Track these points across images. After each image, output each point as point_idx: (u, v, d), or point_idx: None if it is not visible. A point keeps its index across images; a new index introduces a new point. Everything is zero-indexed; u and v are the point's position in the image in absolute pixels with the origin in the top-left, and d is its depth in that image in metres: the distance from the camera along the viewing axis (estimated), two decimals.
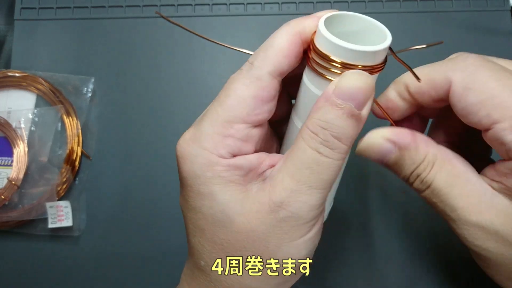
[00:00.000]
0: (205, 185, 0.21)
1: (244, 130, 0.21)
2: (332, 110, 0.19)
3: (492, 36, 0.42)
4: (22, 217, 0.37)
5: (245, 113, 0.21)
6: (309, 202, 0.20)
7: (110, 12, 0.43)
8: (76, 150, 0.39)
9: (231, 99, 0.21)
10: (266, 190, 0.21)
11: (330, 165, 0.20)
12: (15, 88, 0.41)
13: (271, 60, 0.21)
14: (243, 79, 0.21)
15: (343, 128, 0.20)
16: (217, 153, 0.21)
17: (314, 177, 0.20)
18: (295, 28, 0.21)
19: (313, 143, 0.20)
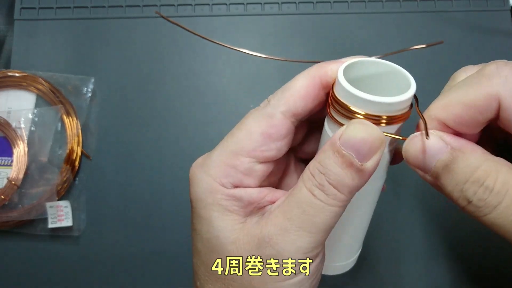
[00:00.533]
0: (205, 210, 0.22)
1: (247, 163, 0.21)
2: (333, 156, 0.19)
3: (492, 36, 0.42)
4: (22, 217, 0.37)
5: (251, 148, 0.21)
6: (296, 244, 0.20)
7: (110, 12, 0.43)
8: (76, 150, 0.39)
9: (240, 132, 0.22)
10: (259, 224, 0.21)
11: (323, 209, 0.19)
12: (15, 88, 0.41)
13: (286, 100, 0.21)
14: (256, 115, 0.22)
15: (340, 176, 0.19)
16: (220, 181, 0.22)
17: (305, 218, 0.19)
18: (317, 72, 0.21)
19: (308, 184, 0.19)
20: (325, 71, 0.21)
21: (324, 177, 0.19)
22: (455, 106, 0.19)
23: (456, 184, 0.19)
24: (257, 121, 0.21)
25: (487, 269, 0.37)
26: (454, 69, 0.44)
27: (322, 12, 0.43)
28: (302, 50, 0.42)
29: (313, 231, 0.20)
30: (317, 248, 0.20)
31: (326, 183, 0.19)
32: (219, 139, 0.40)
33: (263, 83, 0.41)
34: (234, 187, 0.22)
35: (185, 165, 0.39)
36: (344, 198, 0.19)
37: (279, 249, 0.20)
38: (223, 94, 0.41)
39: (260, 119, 0.21)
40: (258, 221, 0.21)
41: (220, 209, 0.21)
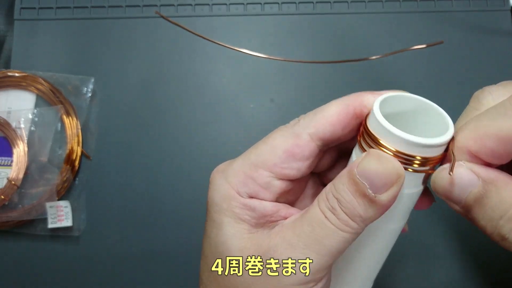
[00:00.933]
0: (218, 214, 0.22)
1: (266, 178, 0.22)
2: (347, 183, 0.19)
3: (492, 36, 0.42)
4: (22, 217, 0.37)
5: (272, 163, 0.21)
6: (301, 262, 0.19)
7: (110, 12, 0.43)
8: (76, 150, 0.39)
9: (265, 145, 0.22)
10: (269, 236, 0.21)
11: (333, 232, 0.19)
12: (15, 88, 0.41)
13: (316, 123, 0.21)
14: (284, 132, 0.22)
15: (352, 204, 0.19)
16: (237, 189, 0.22)
17: (313, 238, 0.19)
18: (352, 101, 0.21)
19: (322, 205, 0.19)
20: (361, 101, 0.21)
21: (337, 202, 0.19)
22: (489, 139, 0.18)
23: (489, 220, 0.18)
24: (283, 138, 0.22)
25: (487, 269, 0.37)
26: (454, 69, 0.44)
27: (322, 12, 0.43)
28: (302, 50, 0.42)
29: (320, 252, 0.19)
30: (321, 271, 0.20)
31: (339, 208, 0.19)
32: (219, 138, 0.40)
33: (263, 83, 0.41)
34: (250, 197, 0.22)
35: (185, 164, 0.40)
36: (355, 226, 0.19)
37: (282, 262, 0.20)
38: (223, 94, 0.41)
39: (287, 136, 0.21)
40: (267, 233, 0.21)
41: (232, 215, 0.22)
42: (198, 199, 0.38)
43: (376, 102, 0.19)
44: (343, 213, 0.19)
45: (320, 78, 0.41)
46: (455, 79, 0.41)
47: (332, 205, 0.19)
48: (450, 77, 0.41)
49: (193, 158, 0.40)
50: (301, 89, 0.41)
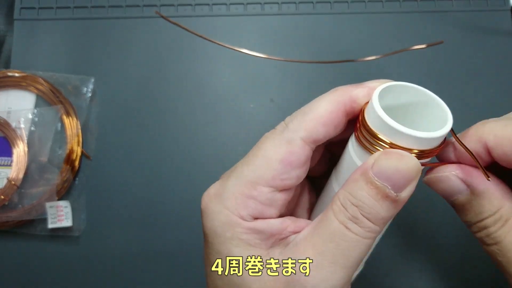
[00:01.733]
0: (224, 245, 0.20)
1: (267, 193, 0.20)
2: (366, 187, 0.18)
3: (492, 36, 0.42)
4: (22, 217, 0.37)
5: (271, 177, 0.20)
6: (330, 281, 0.18)
7: (110, 12, 0.43)
8: (76, 150, 0.39)
9: (258, 159, 0.20)
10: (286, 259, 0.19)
11: (358, 242, 0.18)
12: (15, 88, 0.41)
13: (307, 126, 0.20)
14: (274, 140, 0.20)
15: (374, 209, 0.18)
16: (238, 214, 0.20)
17: (339, 253, 0.18)
18: (341, 97, 0.20)
19: (341, 216, 0.18)
20: (350, 97, 0.20)
21: (358, 210, 0.18)
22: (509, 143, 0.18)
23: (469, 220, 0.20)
24: (275, 147, 0.20)
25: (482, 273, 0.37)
26: (454, 69, 0.44)
27: (322, 12, 0.43)
28: (302, 50, 0.42)
29: (347, 266, 0.18)
30: (349, 282, 0.19)
31: (360, 216, 0.18)
32: (219, 138, 0.40)
33: (263, 83, 0.41)
34: (254, 219, 0.20)
35: (185, 164, 0.40)
36: (378, 230, 0.18)
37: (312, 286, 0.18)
38: (223, 94, 0.41)
39: (279, 145, 0.20)
40: (282, 253, 0.20)
41: (240, 243, 0.20)
42: (198, 199, 0.38)
43: (375, 95, 0.19)
44: (366, 220, 0.18)
45: (320, 78, 0.41)
46: (455, 79, 0.41)
47: (353, 214, 0.18)
48: (450, 77, 0.41)
49: (193, 158, 0.40)
50: (301, 89, 0.41)
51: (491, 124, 0.19)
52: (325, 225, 0.19)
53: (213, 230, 0.21)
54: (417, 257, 0.37)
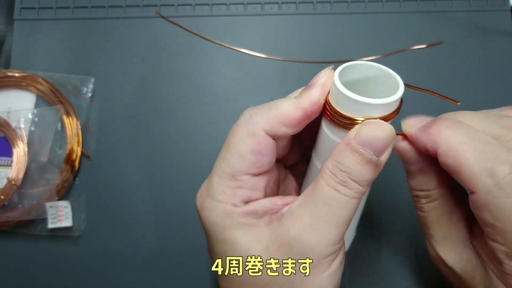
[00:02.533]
0: (226, 232, 0.23)
1: (249, 180, 0.23)
2: (351, 155, 0.21)
3: (492, 36, 0.42)
4: (22, 217, 0.37)
5: (246, 167, 0.22)
6: (327, 237, 0.21)
7: (110, 12, 0.43)
8: (76, 150, 0.39)
9: (231, 155, 0.23)
10: (285, 226, 0.22)
11: (347, 202, 0.21)
12: (15, 88, 0.41)
13: (270, 121, 0.22)
14: (240, 134, 0.23)
15: (360, 172, 0.21)
16: (231, 203, 0.23)
17: (332, 213, 0.21)
18: (303, 103, 0.22)
19: (331, 182, 0.21)
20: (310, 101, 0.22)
21: (346, 175, 0.21)
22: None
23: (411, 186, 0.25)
24: (242, 141, 0.23)
25: None
26: (454, 69, 0.44)
27: (322, 12, 0.43)
28: (302, 50, 0.42)
29: (340, 224, 0.21)
30: (341, 240, 0.22)
31: (349, 180, 0.21)
32: (219, 138, 0.40)
33: (263, 83, 0.41)
34: (245, 203, 0.23)
35: (185, 164, 0.40)
36: (363, 190, 0.21)
37: (311, 245, 0.21)
38: (223, 94, 0.41)
39: (246, 138, 0.22)
40: (280, 224, 0.22)
41: (240, 227, 0.22)
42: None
43: (336, 80, 0.21)
44: (354, 183, 0.21)
45: None
46: (455, 79, 0.41)
47: (342, 178, 0.21)
48: (450, 77, 0.41)
49: (193, 158, 0.40)
50: None
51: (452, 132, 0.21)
52: (317, 191, 0.21)
53: (212, 223, 0.23)
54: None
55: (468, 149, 0.20)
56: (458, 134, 0.21)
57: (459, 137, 0.20)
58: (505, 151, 0.20)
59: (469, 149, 0.20)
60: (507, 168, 0.19)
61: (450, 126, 0.21)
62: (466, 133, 0.20)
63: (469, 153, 0.20)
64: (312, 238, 0.21)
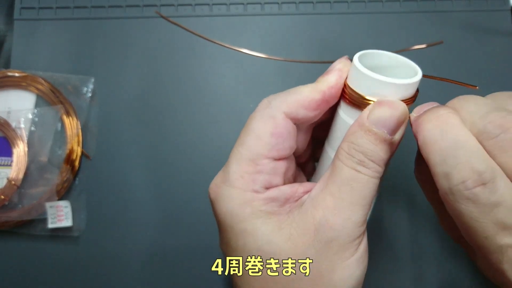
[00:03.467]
0: (245, 222, 0.22)
1: (269, 164, 0.22)
2: (365, 136, 0.21)
3: (492, 36, 0.42)
4: (22, 217, 0.37)
5: (266, 150, 0.22)
6: (352, 219, 0.21)
7: (110, 12, 0.43)
8: (76, 150, 0.39)
9: (250, 138, 0.22)
10: (308, 213, 0.21)
11: (368, 181, 0.21)
12: (15, 88, 0.41)
13: (289, 104, 0.22)
14: (260, 117, 0.22)
15: (376, 152, 0.21)
16: (251, 189, 0.22)
17: (355, 194, 0.21)
18: (321, 87, 0.22)
19: (349, 162, 0.21)
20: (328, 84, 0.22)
21: (363, 155, 0.21)
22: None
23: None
24: (262, 123, 0.22)
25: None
26: (454, 69, 0.44)
27: (322, 12, 0.43)
28: (302, 50, 0.42)
29: (364, 203, 0.21)
30: (365, 221, 0.22)
31: (366, 159, 0.21)
32: (219, 138, 0.40)
33: (263, 83, 0.41)
34: (266, 189, 0.22)
35: (185, 164, 0.40)
36: (381, 170, 0.21)
37: (339, 228, 0.21)
38: (223, 94, 0.41)
39: (265, 121, 0.22)
40: (302, 211, 0.22)
41: (261, 215, 0.22)
42: (198, 199, 0.38)
43: (356, 59, 0.21)
44: (372, 162, 0.21)
45: None
46: (455, 79, 0.41)
47: (360, 158, 0.21)
48: (450, 77, 0.41)
49: (193, 158, 0.40)
50: None
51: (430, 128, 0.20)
52: (336, 174, 0.21)
53: (229, 213, 0.22)
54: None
55: (436, 149, 0.20)
56: (435, 131, 0.20)
57: (434, 135, 0.20)
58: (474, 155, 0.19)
59: (437, 149, 0.20)
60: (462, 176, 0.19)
61: (431, 121, 0.21)
62: (441, 132, 0.20)
63: (436, 154, 0.20)
64: (338, 220, 0.21)
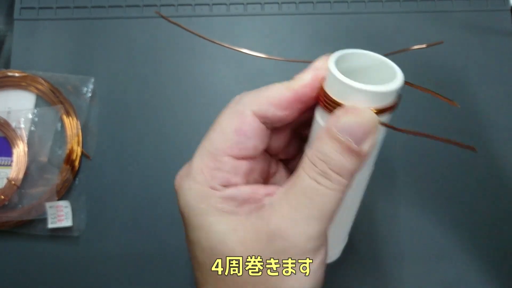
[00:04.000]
0: (201, 217, 0.21)
1: (230, 162, 0.21)
2: (330, 143, 0.19)
3: (492, 36, 0.42)
4: (22, 217, 0.37)
5: (227, 146, 0.21)
6: (307, 232, 0.20)
7: (110, 12, 0.43)
8: (76, 150, 0.39)
9: (215, 132, 0.22)
10: (264, 219, 0.20)
11: (328, 195, 0.20)
12: (15, 88, 0.41)
13: (259, 102, 0.22)
14: (228, 113, 0.22)
15: (340, 162, 0.19)
16: (209, 185, 0.21)
17: (313, 207, 0.20)
18: (293, 85, 0.21)
19: (311, 172, 0.20)
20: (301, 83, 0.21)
21: (325, 164, 0.19)
22: None
23: None
24: (228, 119, 0.22)
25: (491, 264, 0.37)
26: (454, 69, 0.44)
27: (322, 12, 0.43)
28: (302, 50, 0.42)
29: (321, 218, 0.20)
30: (324, 235, 0.21)
31: (328, 170, 0.19)
32: None
33: (263, 83, 0.41)
34: (224, 187, 0.21)
35: (185, 164, 0.40)
36: (345, 183, 0.20)
37: (291, 240, 0.20)
38: (223, 94, 0.41)
39: (232, 116, 0.22)
40: (259, 215, 0.21)
41: (217, 213, 0.21)
42: None
43: (330, 62, 0.20)
44: (334, 173, 0.19)
45: None
46: (455, 79, 0.41)
47: (322, 169, 0.19)
48: (450, 77, 0.41)
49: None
50: None
51: None
52: (297, 183, 0.20)
53: (187, 206, 0.21)
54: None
55: None
56: None
57: None
58: None
59: None
60: None
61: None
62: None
63: None
64: (291, 232, 0.20)
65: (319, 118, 0.21)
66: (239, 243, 0.20)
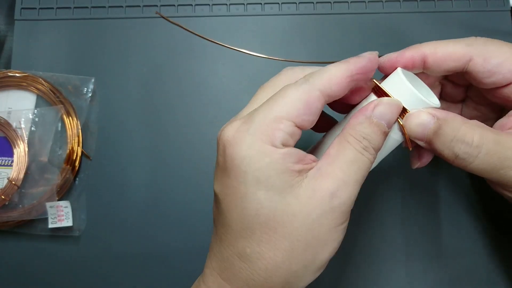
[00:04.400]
0: (263, 171, 0.23)
1: (291, 127, 0.24)
2: (370, 127, 0.24)
3: (492, 36, 0.42)
4: (22, 217, 0.37)
5: (295, 114, 0.24)
6: (353, 193, 0.24)
7: (110, 12, 0.43)
8: (76, 150, 0.39)
9: (284, 99, 0.24)
10: (318, 180, 0.24)
11: (368, 164, 0.25)
12: (15, 88, 0.41)
13: (324, 81, 0.24)
14: (297, 87, 0.24)
15: (377, 141, 0.25)
16: (272, 143, 0.23)
17: (360, 173, 0.24)
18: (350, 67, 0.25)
19: (357, 146, 0.24)
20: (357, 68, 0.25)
21: (368, 142, 0.24)
22: (441, 50, 0.30)
23: (443, 144, 0.25)
24: (298, 94, 0.24)
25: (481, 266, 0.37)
26: None
27: (322, 12, 0.43)
28: (302, 50, 0.42)
29: (361, 182, 0.25)
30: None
31: (370, 146, 0.24)
32: None
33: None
34: (284, 146, 0.24)
35: (185, 164, 0.40)
36: (376, 155, 0.25)
37: (344, 199, 0.24)
38: (223, 94, 0.41)
39: (301, 92, 0.24)
40: (312, 176, 0.24)
41: (278, 167, 0.23)
42: (198, 199, 0.38)
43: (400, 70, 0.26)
44: (372, 148, 0.25)
45: None
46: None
47: (366, 144, 0.24)
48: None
49: (193, 158, 0.40)
50: None
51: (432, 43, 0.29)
52: (345, 153, 0.24)
53: (248, 158, 0.23)
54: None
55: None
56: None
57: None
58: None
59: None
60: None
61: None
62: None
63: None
64: (345, 193, 0.24)
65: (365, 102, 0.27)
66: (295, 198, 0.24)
